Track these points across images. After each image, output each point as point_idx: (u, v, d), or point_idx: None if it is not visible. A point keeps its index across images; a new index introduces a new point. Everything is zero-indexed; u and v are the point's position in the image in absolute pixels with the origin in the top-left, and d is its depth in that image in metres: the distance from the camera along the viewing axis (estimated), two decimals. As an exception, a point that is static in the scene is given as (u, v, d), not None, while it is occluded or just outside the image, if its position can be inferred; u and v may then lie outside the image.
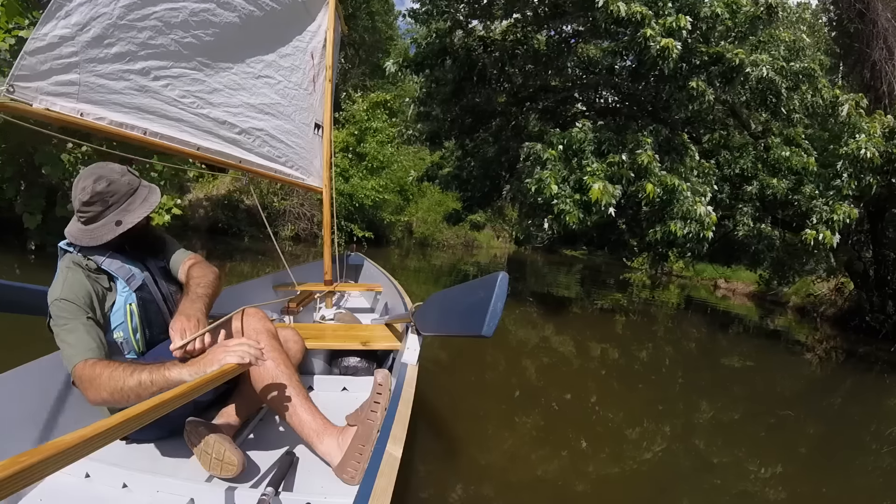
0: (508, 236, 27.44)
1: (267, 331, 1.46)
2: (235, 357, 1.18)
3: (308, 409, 1.35)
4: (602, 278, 15.88)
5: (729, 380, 4.97)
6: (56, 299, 1.27)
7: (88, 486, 1.22)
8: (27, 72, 1.64)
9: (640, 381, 4.47)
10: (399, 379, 1.55)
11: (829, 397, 4.86)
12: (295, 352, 1.69)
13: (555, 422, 3.17)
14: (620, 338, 6.60)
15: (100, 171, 1.38)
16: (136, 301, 1.39)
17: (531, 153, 5.98)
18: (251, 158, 2.73)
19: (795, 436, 3.42)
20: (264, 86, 2.75)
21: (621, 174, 5.58)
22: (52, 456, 0.66)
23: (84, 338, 1.23)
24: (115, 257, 1.41)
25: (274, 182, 2.44)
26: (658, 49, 5.19)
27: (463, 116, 8.73)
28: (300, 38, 3.04)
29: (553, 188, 5.47)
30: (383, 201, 16.12)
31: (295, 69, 3.00)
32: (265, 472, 1.33)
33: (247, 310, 1.51)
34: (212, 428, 1.32)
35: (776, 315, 10.21)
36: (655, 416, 3.48)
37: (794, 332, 8.57)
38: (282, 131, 2.93)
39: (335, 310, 3.36)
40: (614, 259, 20.62)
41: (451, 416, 2.94)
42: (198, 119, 2.34)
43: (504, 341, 5.27)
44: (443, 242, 21.37)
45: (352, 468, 1.25)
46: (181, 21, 2.14)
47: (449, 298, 1.80)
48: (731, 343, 6.97)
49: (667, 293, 12.86)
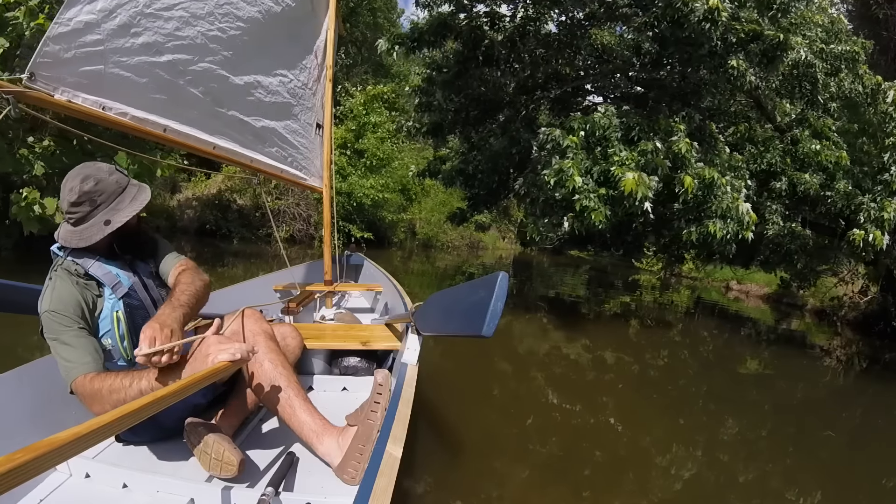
0: (514, 237, 26.86)
1: (263, 331, 1.46)
2: (226, 354, 1.18)
3: (307, 410, 1.35)
4: (610, 280, 15.48)
5: (750, 389, 4.72)
6: (45, 311, 1.26)
7: (88, 486, 1.22)
8: (50, 59, 1.52)
9: (656, 391, 4.24)
10: (399, 379, 1.54)
11: (851, 406, 4.65)
12: (293, 348, 1.69)
13: (560, 426, 3.14)
14: (633, 344, 6.28)
15: (87, 171, 1.35)
16: (122, 308, 1.37)
17: (549, 140, 5.24)
18: (261, 158, 2.73)
19: (822, 449, 3.29)
20: (279, 84, 2.74)
21: (656, 164, 4.88)
22: (47, 453, 0.67)
23: (77, 352, 1.23)
24: (104, 261, 1.39)
25: (269, 180, 2.41)
26: (705, 10, 4.58)
27: (468, 107, 7.92)
28: (309, 37, 3.05)
29: (577, 180, 4.76)
30: (384, 201, 15.49)
31: (303, 69, 3.00)
32: (265, 472, 1.33)
33: (244, 310, 1.51)
34: (211, 428, 1.32)
35: (793, 318, 9.87)
36: (676, 430, 3.29)
37: (812, 336, 8.22)
38: (290, 131, 2.94)
39: (335, 310, 3.36)
40: (621, 260, 19.96)
41: (452, 416, 2.93)
42: (215, 117, 2.30)
43: (510, 345, 5.21)
44: (447, 244, 20.65)
45: (352, 468, 1.25)
46: (207, 12, 2.05)
47: (449, 298, 1.80)
48: (749, 348, 6.67)
49: (677, 295, 12.49)
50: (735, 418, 3.67)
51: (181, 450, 1.36)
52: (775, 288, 11.45)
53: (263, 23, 2.45)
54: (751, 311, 10.50)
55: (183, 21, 1.93)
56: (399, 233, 18.50)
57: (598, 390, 4.07)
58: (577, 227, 5.02)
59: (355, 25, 21.01)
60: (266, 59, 2.60)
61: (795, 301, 10.90)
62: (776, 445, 3.25)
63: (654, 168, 4.91)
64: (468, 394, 3.41)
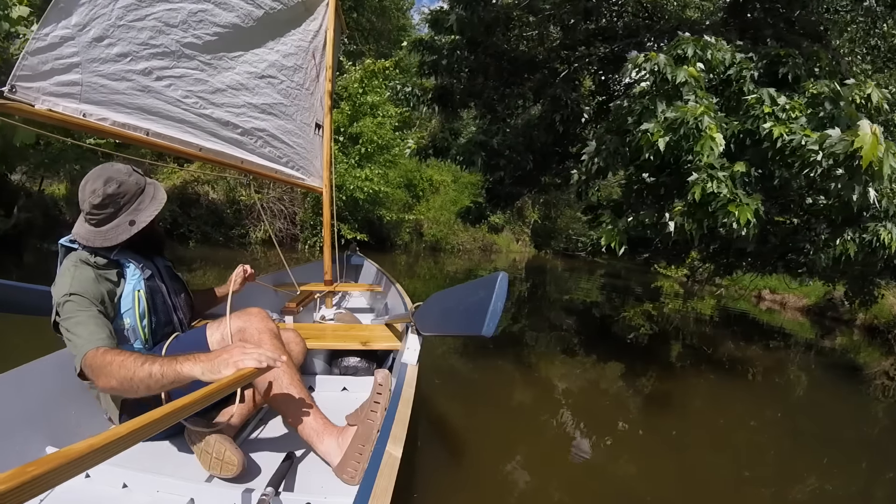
0: (528, 239, 25.57)
1: (270, 331, 1.47)
2: (253, 361, 1.14)
3: (309, 409, 1.36)
4: (628, 285, 14.37)
5: (818, 426, 3.96)
6: (66, 294, 1.27)
7: (88, 486, 1.22)
8: (29, 72, 1.63)
9: (701, 425, 3.53)
10: (399, 379, 1.55)
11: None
12: (296, 353, 1.70)
13: (561, 427, 3.13)
14: (667, 365, 5.35)
15: (108, 173, 1.39)
16: (144, 288, 1.42)
17: (645, 74, 3.17)
18: (253, 159, 2.73)
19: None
20: (267, 86, 2.75)
21: (844, 115, 2.92)
22: (61, 466, 0.64)
23: (95, 329, 1.23)
24: (126, 252, 1.45)
25: (242, 173, 2.31)
26: None
27: (488, 67, 5.77)
28: (303, 37, 3.04)
29: (716, 140, 2.86)
30: (383, 196, 13.25)
31: (298, 69, 3.00)
32: (265, 472, 1.33)
33: (250, 309, 1.52)
34: (212, 428, 1.32)
35: (838, 334, 8.71)
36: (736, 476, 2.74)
37: (866, 357, 7.08)
38: (283, 131, 2.94)
39: (335, 310, 3.36)
40: (636, 265, 18.72)
41: (452, 416, 2.94)
42: (200, 119, 2.34)
43: (518, 348, 5.08)
44: (457, 246, 18.64)
45: (352, 468, 1.26)
46: (180, 21, 2.14)
47: (449, 298, 1.80)
48: (803, 373, 5.79)
49: (702, 304, 11.33)
50: (808, 464, 3.01)
51: (181, 450, 1.37)
52: (816, 299, 10.23)
53: (245, 27, 2.50)
54: (791, 325, 9.34)
55: (156, 30, 2.04)
56: (404, 234, 16.56)
57: (607, 398, 3.99)
58: (690, 229, 3.05)
59: (361, 13, 19.75)
60: (251, 61, 2.62)
61: (840, 315, 9.71)
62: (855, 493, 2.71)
63: (829, 123, 2.93)
64: (468, 394, 3.41)
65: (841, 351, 7.50)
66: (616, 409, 3.64)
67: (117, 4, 1.87)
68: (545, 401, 3.61)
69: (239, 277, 1.76)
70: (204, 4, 2.26)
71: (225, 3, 2.38)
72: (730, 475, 2.73)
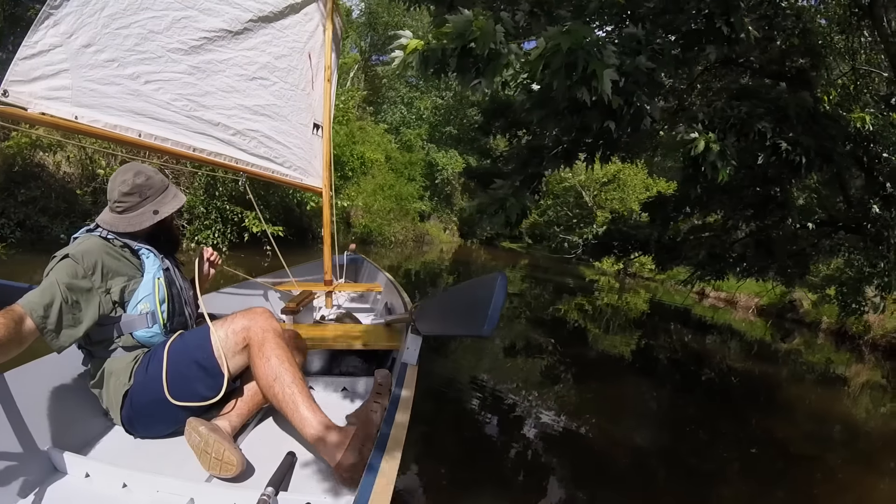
0: (455, 228, 24.12)
1: (273, 329, 1.48)
2: None
3: (310, 408, 1.36)
4: (562, 279, 13.81)
5: (802, 436, 3.82)
6: (64, 255, 1.31)
7: (88, 486, 1.22)
8: (20, 77, 1.71)
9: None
10: (399, 379, 1.55)
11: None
12: (297, 353, 1.70)
13: (561, 428, 3.14)
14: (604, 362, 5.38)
15: (138, 167, 1.52)
16: (163, 276, 1.50)
17: None
18: (246, 158, 2.75)
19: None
20: (259, 87, 2.77)
21: None
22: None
23: (46, 298, 1.21)
24: (146, 244, 1.52)
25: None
26: None
27: None
28: (297, 38, 3.03)
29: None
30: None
31: (291, 70, 3.00)
32: (265, 472, 1.33)
33: (255, 309, 1.52)
34: (212, 428, 1.32)
35: (797, 336, 8.49)
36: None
37: (837, 363, 6.76)
38: (278, 132, 2.93)
39: (335, 310, 3.36)
40: (556, 256, 18.21)
41: (452, 416, 2.94)
42: (191, 121, 2.38)
43: (513, 347, 5.11)
44: (390, 238, 16.70)
45: (352, 468, 1.25)
46: (164, 28, 2.22)
47: (449, 298, 1.80)
48: (782, 379, 5.61)
49: (636, 297, 11.23)
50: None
51: (181, 449, 1.36)
52: (772, 299, 9.33)
53: (233, 31, 2.54)
54: (746, 327, 9.07)
55: (141, 37, 2.12)
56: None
57: (601, 396, 4.01)
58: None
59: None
60: (241, 64, 2.64)
61: (801, 317, 9.34)
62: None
63: None
64: (468, 394, 3.42)
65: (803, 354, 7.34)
66: (621, 418, 3.60)
67: (103, 13, 1.95)
68: (547, 402, 3.61)
69: (205, 260, 1.77)
70: (188, 11, 2.30)
71: (210, 9, 2.42)
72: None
